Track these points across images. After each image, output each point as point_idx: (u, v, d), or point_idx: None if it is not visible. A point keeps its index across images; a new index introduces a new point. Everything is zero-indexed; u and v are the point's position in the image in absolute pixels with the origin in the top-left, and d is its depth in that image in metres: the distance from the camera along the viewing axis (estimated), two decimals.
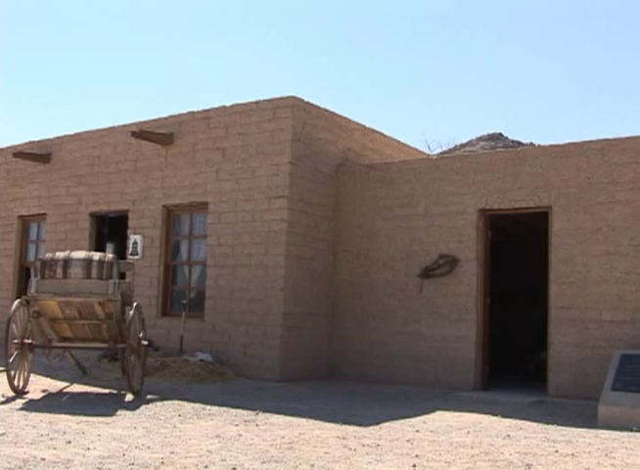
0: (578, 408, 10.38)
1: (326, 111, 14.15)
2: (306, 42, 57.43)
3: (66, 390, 11.15)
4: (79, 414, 8.78)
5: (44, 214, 16.99)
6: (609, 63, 52.77)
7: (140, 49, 54.72)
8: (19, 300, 10.81)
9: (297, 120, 13.40)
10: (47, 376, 12.04)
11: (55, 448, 6.80)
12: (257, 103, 13.72)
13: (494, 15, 53.74)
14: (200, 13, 52.74)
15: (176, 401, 10.17)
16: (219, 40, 55.86)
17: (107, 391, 11.13)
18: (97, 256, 10.78)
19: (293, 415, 9.30)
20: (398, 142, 16.43)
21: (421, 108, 58.20)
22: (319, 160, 13.88)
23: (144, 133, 14.64)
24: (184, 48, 55.22)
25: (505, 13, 53.18)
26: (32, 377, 11.13)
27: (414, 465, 6.50)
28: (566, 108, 55.32)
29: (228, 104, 14.14)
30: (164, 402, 10.07)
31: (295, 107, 13.40)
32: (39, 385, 11.20)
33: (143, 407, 9.63)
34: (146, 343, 11.48)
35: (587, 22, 52.71)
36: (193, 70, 56.17)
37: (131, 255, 14.92)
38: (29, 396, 10.34)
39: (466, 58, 56.86)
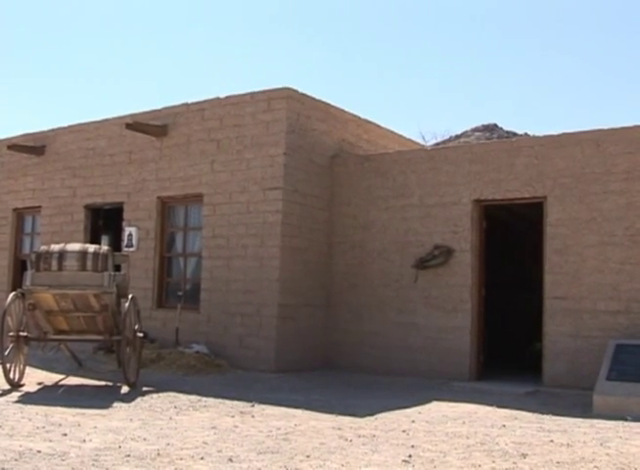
0: (573, 398, 10.41)
1: (320, 102, 14.12)
2: (301, 33, 57.30)
3: (61, 382, 11.14)
4: (75, 406, 8.77)
5: (39, 207, 16.96)
6: (603, 53, 52.76)
7: (134, 41, 54.56)
8: (14, 292, 10.79)
9: (292, 112, 13.38)
10: (42, 369, 12.03)
11: (51, 441, 6.81)
12: (252, 94, 13.69)
13: (488, 6, 53.64)
14: (194, 4, 52.56)
15: (172, 393, 10.17)
16: (214, 32, 55.72)
17: (102, 383, 11.13)
18: (92, 248, 10.76)
19: (288, 406, 9.31)
20: (393, 133, 16.41)
21: (416, 99, 58.13)
22: (314, 151, 13.87)
23: (138, 125, 14.60)
24: (179, 40, 55.07)
25: (499, 4, 53.09)
26: (28, 370, 11.10)
27: (410, 455, 6.51)
28: (560, 98, 55.30)
29: (223, 95, 14.12)
30: (160, 394, 10.07)
31: (289, 98, 13.38)
32: (35, 377, 11.18)
33: (139, 399, 9.63)
34: (141, 335, 11.48)
35: (580, 12, 52.65)
36: (187, 61, 56.02)
37: (126, 247, 14.90)
38: (25, 388, 10.33)
39: (461, 49, 56.79)
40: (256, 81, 61.38)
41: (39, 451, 6.29)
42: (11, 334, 10.44)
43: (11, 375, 10.30)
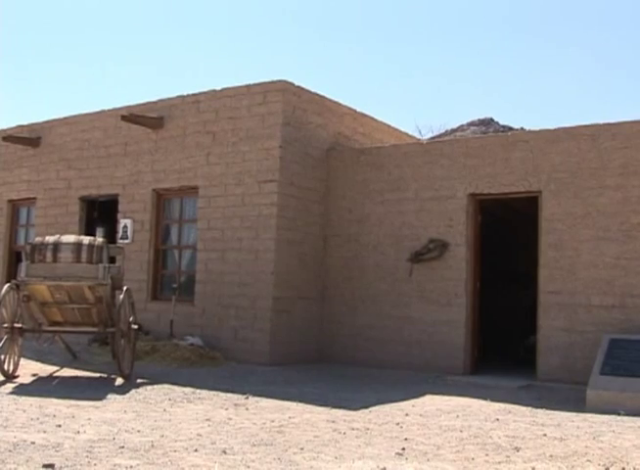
0: (567, 392, 10.44)
1: (316, 95, 14.10)
2: (298, 26, 57.20)
3: (56, 374, 11.14)
4: (69, 398, 8.78)
5: (34, 199, 16.93)
6: (600, 48, 52.75)
7: (130, 33, 54.41)
8: (8, 284, 10.78)
9: (288, 104, 13.36)
10: (37, 360, 12.03)
11: (45, 432, 6.81)
12: (248, 87, 13.67)
13: (484, 1, 53.59)
14: None
15: (166, 385, 10.18)
16: (210, 24, 55.59)
17: (97, 375, 11.13)
18: (87, 240, 10.75)
19: (283, 399, 9.32)
20: (389, 126, 16.40)
21: (412, 92, 58.11)
22: (309, 144, 13.86)
23: (134, 117, 14.57)
24: (175, 32, 54.93)
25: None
26: (22, 361, 11.11)
27: (403, 448, 6.52)
28: (556, 93, 55.31)
29: (218, 88, 14.09)
30: (154, 386, 10.08)
31: (285, 91, 13.36)
32: (29, 369, 11.19)
33: (133, 391, 9.64)
34: (136, 327, 11.48)
35: (577, 6, 52.63)
36: (183, 53, 55.90)
37: (121, 239, 14.88)
38: (19, 380, 10.33)
39: (457, 43, 56.76)
40: (252, 74, 61.29)
41: (33, 443, 6.29)
42: (5, 325, 10.43)
43: (5, 366, 10.30)
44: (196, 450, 6.22)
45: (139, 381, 10.47)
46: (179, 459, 5.90)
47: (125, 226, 14.97)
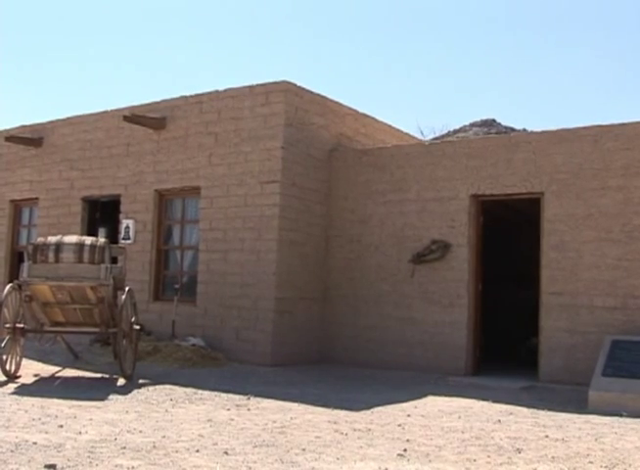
0: (569, 394, 10.43)
1: (319, 96, 14.11)
2: (299, 27, 57.22)
3: (57, 374, 11.14)
4: (71, 398, 8.78)
5: (36, 199, 16.95)
6: (602, 49, 52.74)
7: (133, 33, 54.45)
8: (11, 284, 10.78)
9: (290, 105, 13.37)
10: (39, 360, 12.04)
11: (47, 433, 6.81)
12: (250, 87, 13.68)
13: (486, 2, 53.61)
14: None
15: (168, 386, 10.18)
16: (212, 24, 55.61)
17: (99, 375, 11.13)
18: (89, 240, 10.76)
19: (284, 400, 9.32)
20: (391, 127, 16.40)
21: (414, 93, 58.12)
22: (312, 144, 13.86)
23: (136, 117, 14.58)
24: (177, 32, 54.96)
25: (497, 0, 53.07)
26: (24, 361, 11.12)
27: (405, 450, 6.52)
28: (559, 94, 55.32)
29: (221, 88, 14.10)
30: (156, 387, 10.08)
31: (287, 91, 13.37)
32: (31, 369, 11.19)
33: (135, 392, 9.64)
34: (138, 327, 11.47)
35: (579, 7, 52.64)
36: (186, 54, 55.95)
37: (123, 239, 14.89)
38: (21, 380, 10.34)
39: (459, 44, 56.77)
40: (255, 74, 61.34)
41: (35, 443, 6.29)
42: (7, 326, 10.44)
43: (7, 367, 10.31)
44: (197, 451, 6.22)
45: (141, 381, 10.47)
46: (181, 460, 5.90)
47: (127, 227, 14.98)
